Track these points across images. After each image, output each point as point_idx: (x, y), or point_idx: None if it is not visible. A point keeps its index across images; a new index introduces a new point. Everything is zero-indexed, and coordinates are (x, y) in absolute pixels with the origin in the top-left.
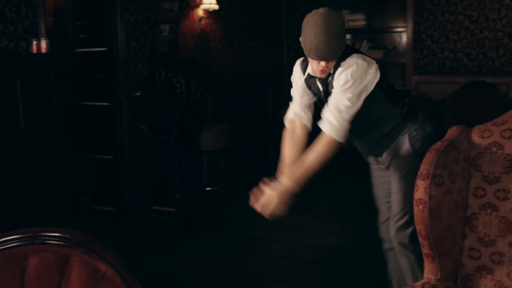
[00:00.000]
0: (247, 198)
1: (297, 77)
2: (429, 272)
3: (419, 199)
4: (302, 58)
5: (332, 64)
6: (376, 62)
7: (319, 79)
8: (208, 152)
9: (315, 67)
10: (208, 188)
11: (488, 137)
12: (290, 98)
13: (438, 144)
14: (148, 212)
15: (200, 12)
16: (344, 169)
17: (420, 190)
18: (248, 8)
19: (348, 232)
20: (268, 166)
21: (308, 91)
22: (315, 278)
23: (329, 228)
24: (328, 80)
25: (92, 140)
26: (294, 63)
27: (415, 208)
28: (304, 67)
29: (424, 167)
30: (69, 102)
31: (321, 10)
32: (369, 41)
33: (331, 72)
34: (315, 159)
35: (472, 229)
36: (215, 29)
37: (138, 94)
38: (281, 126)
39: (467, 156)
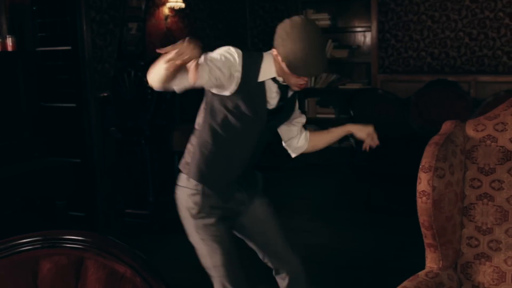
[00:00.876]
0: None
1: (233, 72)
2: (432, 262)
3: (423, 191)
4: (243, 54)
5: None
6: (342, 61)
7: (280, 86)
8: (179, 152)
9: (293, 81)
10: None
11: (482, 130)
12: None
13: (436, 138)
14: (120, 215)
15: (166, 10)
16: (311, 168)
17: (423, 183)
18: (213, 7)
19: (325, 229)
20: None
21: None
22: None
23: (306, 227)
24: (289, 94)
25: (58, 143)
26: None
27: (418, 200)
28: (253, 70)
29: (426, 160)
30: (31, 104)
31: (298, 19)
32: (334, 40)
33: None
34: None
35: (470, 219)
36: (181, 27)
37: (105, 94)
38: None
39: (463, 149)
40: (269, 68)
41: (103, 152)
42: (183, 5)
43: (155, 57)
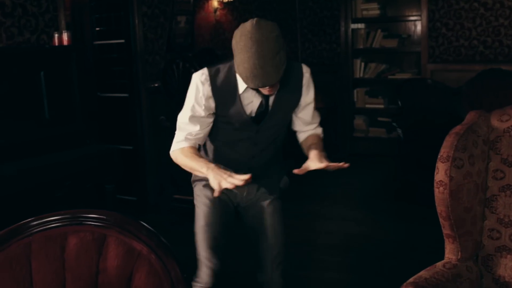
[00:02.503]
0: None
1: (204, 98)
2: (450, 253)
3: (440, 181)
4: (209, 70)
5: (278, 85)
6: (391, 51)
7: (258, 91)
8: None
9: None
10: None
11: (506, 120)
12: None
13: (457, 128)
14: (169, 200)
15: (215, 3)
16: (359, 158)
17: (441, 173)
18: None
19: (368, 219)
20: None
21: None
22: (337, 263)
23: (349, 216)
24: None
25: (113, 131)
26: (309, 53)
27: (436, 190)
28: (227, 84)
29: (444, 150)
30: (88, 94)
31: (248, 26)
32: (383, 30)
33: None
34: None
35: (492, 210)
36: (230, 20)
37: (156, 85)
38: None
39: (486, 139)
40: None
41: (153, 140)
42: None
43: (204, 48)
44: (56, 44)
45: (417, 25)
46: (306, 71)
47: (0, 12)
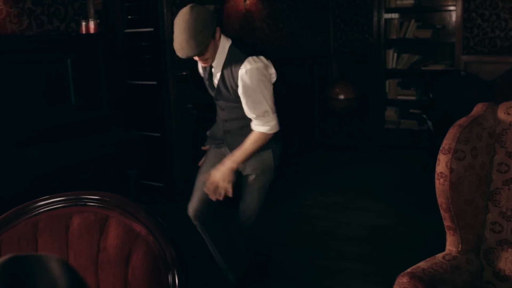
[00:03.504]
0: (292, 177)
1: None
2: (451, 244)
3: (440, 172)
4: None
5: (208, 56)
6: (425, 42)
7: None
8: None
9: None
10: None
11: None
12: (336, 78)
13: (462, 120)
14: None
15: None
16: (389, 150)
17: (442, 164)
18: None
19: (392, 211)
20: (316, 145)
21: None
22: (357, 254)
23: (372, 207)
24: (213, 70)
25: (141, 118)
26: (340, 43)
27: (436, 182)
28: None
29: (446, 142)
30: (118, 82)
31: (184, 8)
32: (417, 20)
33: (215, 66)
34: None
35: (495, 204)
36: (260, 9)
37: (184, 73)
38: (327, 106)
39: (492, 132)
40: None
41: (180, 127)
42: None
43: (234, 37)
44: (84, 32)
45: (452, 15)
46: (244, 66)
47: (30, 1)
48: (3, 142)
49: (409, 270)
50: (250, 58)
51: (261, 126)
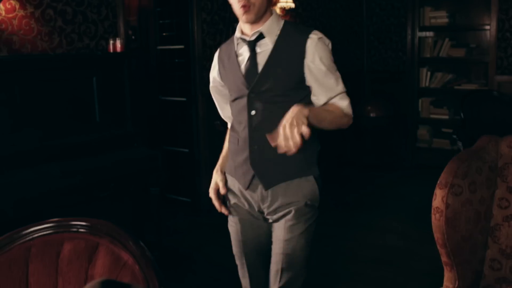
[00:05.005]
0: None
1: (215, 73)
2: (447, 280)
3: (436, 207)
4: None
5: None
6: (459, 61)
7: (247, 42)
8: None
9: (234, 4)
10: None
11: None
12: (368, 96)
13: (461, 154)
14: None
15: (277, 10)
16: (420, 169)
17: (438, 199)
18: (326, 5)
19: (415, 233)
20: (348, 163)
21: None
22: (374, 277)
23: (396, 228)
24: (258, 44)
25: (171, 134)
26: (374, 60)
27: (432, 217)
28: (228, 46)
29: (443, 176)
30: (150, 98)
31: None
32: (451, 38)
33: (263, 31)
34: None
35: (495, 240)
36: None
37: None
38: (359, 123)
39: (493, 166)
40: (236, 30)
41: (208, 143)
42: (293, 5)
43: None
44: (111, 50)
45: (486, 34)
46: (314, 35)
47: (61, 19)
48: (30, 158)
49: None
50: (315, 31)
51: (338, 100)
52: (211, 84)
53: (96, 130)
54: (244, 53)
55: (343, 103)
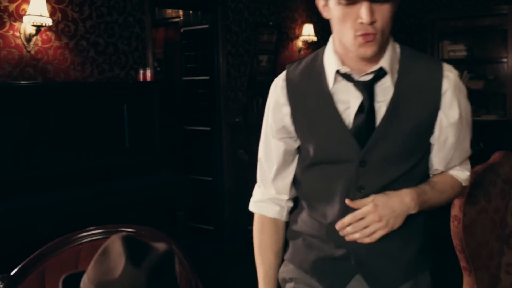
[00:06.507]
0: None
1: (282, 118)
2: (467, 285)
3: (455, 215)
4: (288, 67)
5: (386, 25)
6: (477, 92)
7: (358, 83)
8: None
9: (350, 30)
10: None
11: None
12: None
13: (476, 167)
14: (244, 232)
15: (299, 43)
16: None
17: (456, 208)
18: None
19: None
20: None
21: (293, 145)
22: None
23: None
24: (376, 84)
25: (195, 162)
26: None
27: (451, 224)
28: (306, 82)
29: None
30: (174, 127)
31: None
32: (470, 71)
33: (382, 69)
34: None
35: (510, 247)
36: None
37: (237, 120)
38: None
39: (506, 178)
40: (329, 60)
41: (231, 172)
42: (315, 38)
43: None
44: (141, 79)
45: (504, 67)
46: (449, 70)
47: (94, 50)
48: (64, 180)
49: None
50: (445, 64)
51: (461, 171)
52: (267, 131)
53: (126, 155)
54: (349, 96)
55: (465, 174)
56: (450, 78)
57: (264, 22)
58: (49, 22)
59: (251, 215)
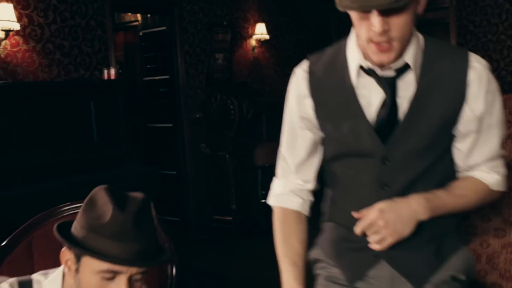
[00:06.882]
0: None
1: (305, 109)
2: None
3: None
4: (310, 57)
5: (404, 31)
6: None
7: (380, 79)
8: (262, 167)
9: (364, 35)
10: (263, 201)
11: None
12: None
13: None
14: (209, 221)
15: (253, 42)
16: None
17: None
18: (298, 37)
19: None
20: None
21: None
22: None
23: None
24: (398, 79)
25: (159, 158)
26: None
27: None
28: (329, 74)
29: None
30: (138, 125)
31: None
32: None
33: (407, 64)
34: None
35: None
36: (267, 57)
37: (197, 115)
38: None
39: None
40: (352, 53)
41: (194, 165)
42: (267, 37)
43: (238, 82)
44: (106, 78)
45: None
46: (477, 61)
47: (59, 52)
48: (39, 174)
49: None
50: (473, 54)
51: (487, 173)
52: (292, 120)
53: (95, 149)
54: (372, 91)
55: (493, 177)
56: (477, 68)
57: (218, 22)
58: (17, 26)
59: (215, 205)
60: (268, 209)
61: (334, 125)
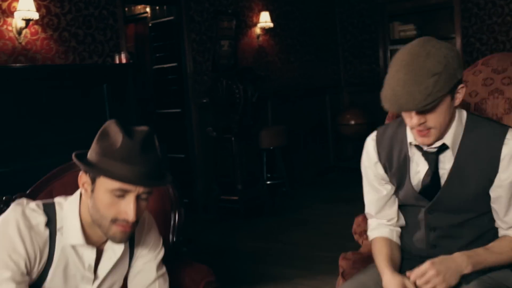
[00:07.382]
0: (302, 192)
1: (378, 170)
2: None
3: None
4: (378, 129)
5: (439, 121)
6: None
7: (424, 153)
8: (266, 150)
9: (408, 123)
10: (268, 182)
11: None
12: (348, 105)
13: None
14: (216, 201)
15: (257, 30)
16: None
17: None
18: (302, 25)
19: None
20: (330, 168)
21: (386, 187)
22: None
23: None
24: (440, 155)
25: (168, 142)
26: (350, 74)
27: None
28: (389, 144)
29: None
30: (148, 112)
31: (414, 41)
32: None
33: (448, 143)
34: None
35: None
36: (272, 44)
37: (204, 100)
38: (340, 131)
39: None
40: (408, 131)
41: (202, 148)
42: (272, 25)
43: (244, 67)
44: (117, 62)
45: (452, 43)
46: (510, 137)
47: (75, 40)
48: (55, 149)
49: None
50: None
51: None
52: (370, 179)
53: None
54: (420, 162)
55: None
56: (509, 145)
57: (223, 10)
58: (36, 16)
59: (221, 185)
60: (273, 190)
61: (397, 185)
